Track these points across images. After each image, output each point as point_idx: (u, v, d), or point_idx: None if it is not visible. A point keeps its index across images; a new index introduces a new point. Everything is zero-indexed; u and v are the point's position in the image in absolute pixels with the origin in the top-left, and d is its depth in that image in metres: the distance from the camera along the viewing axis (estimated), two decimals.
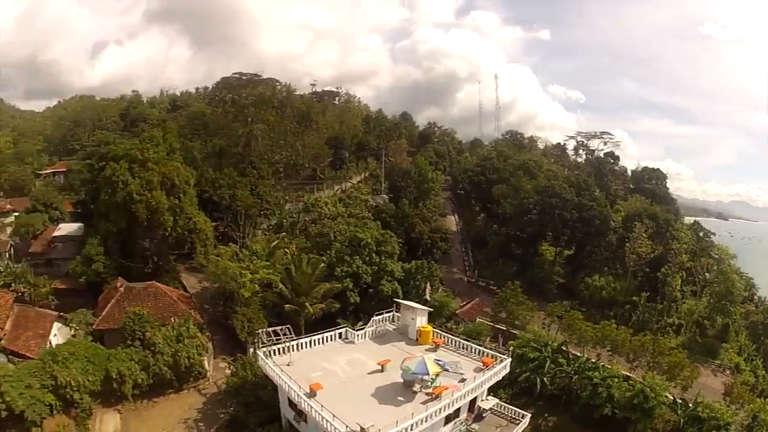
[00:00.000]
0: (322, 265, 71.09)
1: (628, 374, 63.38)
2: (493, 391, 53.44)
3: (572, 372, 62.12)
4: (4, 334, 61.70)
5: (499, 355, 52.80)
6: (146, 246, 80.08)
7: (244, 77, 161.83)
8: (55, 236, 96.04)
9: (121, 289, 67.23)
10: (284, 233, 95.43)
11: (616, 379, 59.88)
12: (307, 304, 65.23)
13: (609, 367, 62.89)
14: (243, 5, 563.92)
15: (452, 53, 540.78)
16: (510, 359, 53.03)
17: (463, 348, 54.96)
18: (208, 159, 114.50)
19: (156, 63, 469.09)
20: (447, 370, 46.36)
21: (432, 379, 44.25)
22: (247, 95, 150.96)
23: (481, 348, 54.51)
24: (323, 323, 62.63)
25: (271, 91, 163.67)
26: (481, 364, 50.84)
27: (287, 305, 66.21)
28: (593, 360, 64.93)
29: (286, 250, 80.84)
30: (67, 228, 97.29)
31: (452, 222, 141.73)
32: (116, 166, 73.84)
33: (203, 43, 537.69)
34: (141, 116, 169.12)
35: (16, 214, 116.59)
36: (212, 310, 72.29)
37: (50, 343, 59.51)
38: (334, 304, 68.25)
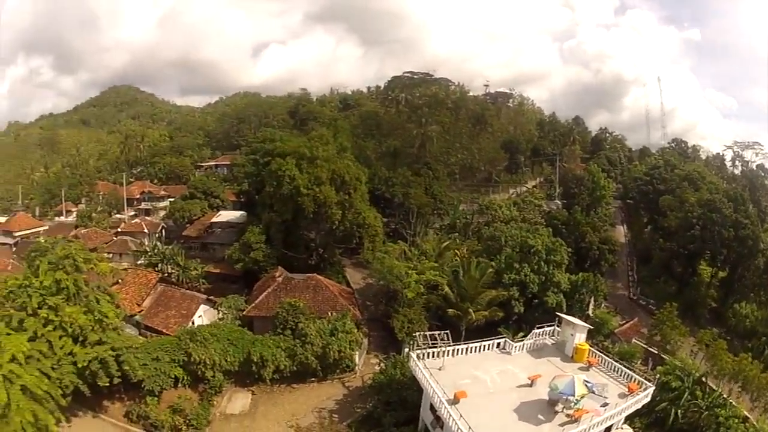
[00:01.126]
0: (491, 270, 68.05)
1: (747, 415, 56.77)
2: (629, 418, 50.30)
3: (704, 407, 57.30)
4: (141, 310, 65.82)
5: (644, 381, 49.48)
6: (312, 238, 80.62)
7: (416, 76, 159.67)
8: (213, 222, 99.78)
9: (280, 279, 67.79)
10: (456, 234, 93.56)
11: (736, 420, 53.58)
12: (471, 310, 62.49)
13: (735, 405, 57.17)
14: (407, 7, 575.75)
15: (616, 54, 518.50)
16: (653, 387, 49.64)
17: (613, 370, 51.93)
18: (383, 158, 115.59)
19: (324, 62, 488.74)
20: (593, 393, 43.73)
21: (576, 400, 41.77)
22: (420, 95, 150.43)
23: (630, 372, 51.45)
24: (484, 330, 60.47)
25: (444, 91, 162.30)
26: (627, 389, 47.95)
27: (450, 309, 63.78)
28: (725, 395, 59.49)
29: (456, 251, 79.07)
30: (227, 215, 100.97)
31: (620, 233, 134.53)
32: (282, 162, 74.72)
33: (371, 43, 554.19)
34: (311, 114, 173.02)
35: (171, 199, 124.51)
36: (374, 308, 71.27)
37: (193, 323, 61.92)
38: (497, 312, 64.84)
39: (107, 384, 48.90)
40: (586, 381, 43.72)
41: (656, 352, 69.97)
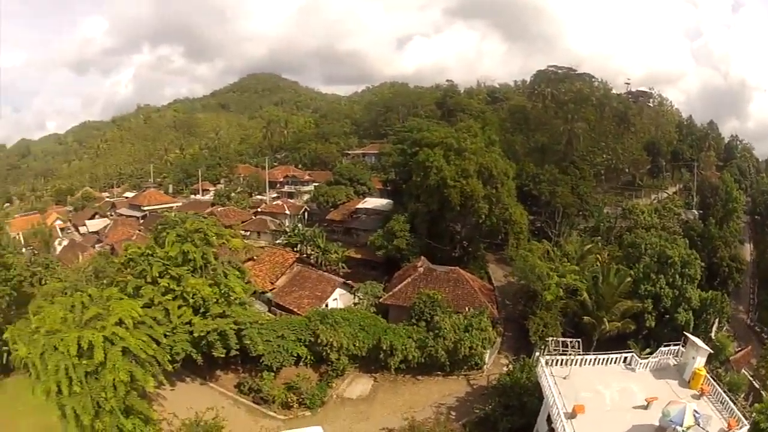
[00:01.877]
0: (629, 279, 65.18)
1: None
2: None
3: None
4: (273, 288, 68.07)
5: (742, 419, 46.38)
6: (457, 230, 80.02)
7: (560, 71, 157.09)
8: (359, 208, 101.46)
9: (421, 269, 67.67)
10: (599, 237, 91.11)
11: None
12: (605, 319, 60.56)
13: None
14: (549, 3, 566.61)
15: (738, 56, 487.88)
16: (748, 426, 46.36)
17: (720, 402, 49.17)
18: (530, 154, 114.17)
19: (468, 55, 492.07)
20: (698, 425, 41.74)
21: (683, 431, 40.26)
22: (565, 90, 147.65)
23: (733, 406, 48.43)
24: (613, 342, 58.33)
25: (588, 87, 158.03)
26: (727, 424, 45.24)
27: (586, 317, 61.88)
28: None
29: (597, 256, 76.71)
30: (373, 202, 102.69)
31: (747, 251, 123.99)
32: (430, 152, 75.10)
33: (515, 38, 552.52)
34: (459, 106, 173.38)
35: (316, 184, 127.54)
36: (512, 307, 70.08)
37: (326, 305, 63.15)
38: (629, 325, 62.15)
39: (222, 355, 50.90)
40: (696, 411, 41.73)
41: (758, 386, 65.38)
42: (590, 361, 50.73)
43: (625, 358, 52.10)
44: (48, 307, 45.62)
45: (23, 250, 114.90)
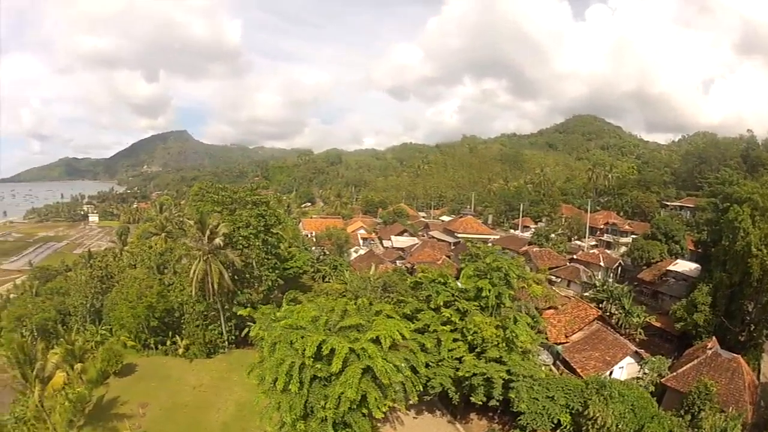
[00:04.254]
0: None
1: None
2: None
3: None
4: (567, 342, 65.73)
5: None
6: (748, 310, 67.98)
7: None
8: (668, 270, 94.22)
9: (709, 351, 58.59)
10: None
11: None
12: None
13: None
14: None
15: None
16: None
17: None
18: None
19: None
20: None
21: None
22: None
23: None
24: None
25: None
26: None
27: None
28: None
29: None
30: (683, 265, 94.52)
31: None
32: (739, 210, 66.53)
33: None
34: (759, 160, 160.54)
35: (634, 236, 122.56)
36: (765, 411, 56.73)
37: (611, 373, 59.40)
38: None
39: (480, 403, 49.36)
40: None
41: None
42: None
43: None
44: (306, 303, 49.00)
45: (313, 248, 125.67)
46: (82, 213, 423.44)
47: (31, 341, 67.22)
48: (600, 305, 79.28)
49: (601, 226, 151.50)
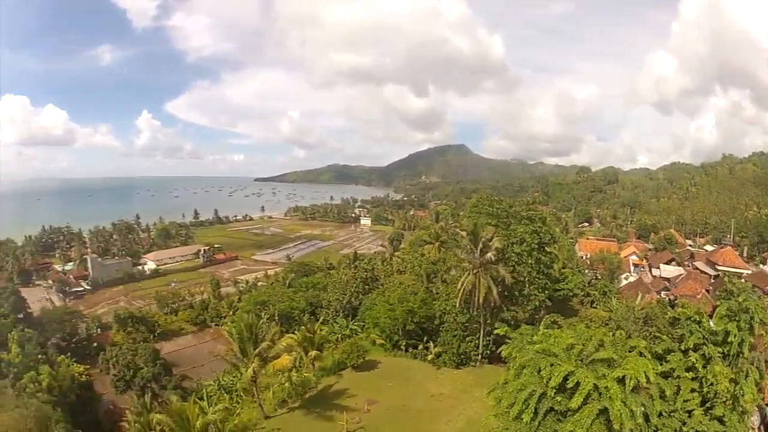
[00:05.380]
0: None
1: None
2: None
3: None
4: None
5: None
6: None
7: None
8: None
9: None
10: None
11: None
12: None
13: None
14: None
15: None
16: None
17: None
18: None
19: None
20: None
21: None
22: None
23: None
24: None
25: None
26: None
27: None
28: None
29: None
30: None
31: None
32: None
33: None
34: None
35: None
36: None
37: None
38: None
39: None
40: None
41: None
42: None
43: None
44: (565, 329, 47.39)
45: (586, 271, 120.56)
46: (353, 215, 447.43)
47: (267, 324, 70.97)
48: None
49: None
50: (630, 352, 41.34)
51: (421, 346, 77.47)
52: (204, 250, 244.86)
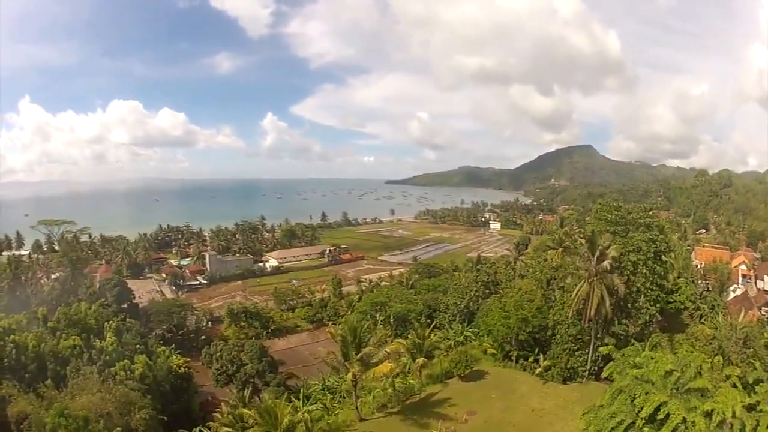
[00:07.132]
0: None
1: None
2: None
3: None
4: None
5: None
6: None
7: None
8: None
9: None
10: None
11: None
12: None
13: None
14: None
15: None
16: None
17: None
18: None
19: None
20: None
21: None
22: None
23: None
24: None
25: None
26: None
27: None
28: None
29: None
30: None
31: None
32: None
33: None
34: None
35: None
36: None
37: None
38: None
39: None
40: None
41: None
42: None
43: None
44: (667, 353, 44.71)
45: (699, 281, 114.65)
46: (483, 219, 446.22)
47: (373, 328, 72.13)
48: None
49: None
50: (726, 380, 40.08)
51: (531, 358, 74.89)
52: (329, 250, 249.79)
